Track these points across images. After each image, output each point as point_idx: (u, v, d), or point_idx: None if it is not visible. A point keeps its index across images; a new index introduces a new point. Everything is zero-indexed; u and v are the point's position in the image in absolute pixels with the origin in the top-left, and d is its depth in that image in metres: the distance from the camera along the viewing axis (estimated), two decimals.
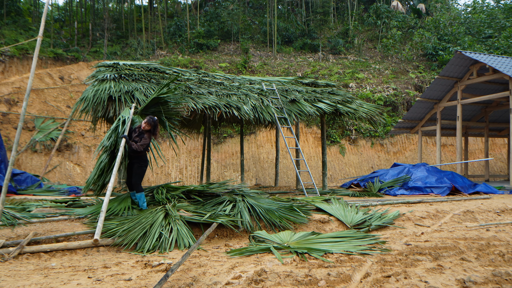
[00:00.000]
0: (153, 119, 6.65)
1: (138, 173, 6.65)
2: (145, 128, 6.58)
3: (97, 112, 8.41)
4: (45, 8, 5.97)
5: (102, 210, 5.57)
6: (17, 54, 17.88)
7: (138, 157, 6.65)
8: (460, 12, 32.08)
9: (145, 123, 6.58)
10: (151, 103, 7.31)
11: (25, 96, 5.39)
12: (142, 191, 6.61)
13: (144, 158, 6.73)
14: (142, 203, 6.54)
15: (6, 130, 15.43)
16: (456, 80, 14.29)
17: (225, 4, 27.63)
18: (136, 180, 6.61)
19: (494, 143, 21.15)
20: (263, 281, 3.75)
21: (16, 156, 13.44)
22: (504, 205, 8.55)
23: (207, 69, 20.21)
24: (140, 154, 6.64)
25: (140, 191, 6.58)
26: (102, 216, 5.43)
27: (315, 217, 6.87)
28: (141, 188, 6.61)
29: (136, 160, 6.64)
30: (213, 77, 10.94)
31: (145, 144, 6.55)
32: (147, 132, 6.60)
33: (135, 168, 6.66)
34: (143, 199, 6.57)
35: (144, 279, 3.94)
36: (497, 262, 4.35)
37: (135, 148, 6.43)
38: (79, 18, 25.86)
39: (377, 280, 3.76)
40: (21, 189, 10.72)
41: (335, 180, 17.35)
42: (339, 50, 25.13)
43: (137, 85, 8.75)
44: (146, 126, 6.57)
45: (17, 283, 3.81)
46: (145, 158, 6.75)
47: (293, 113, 10.49)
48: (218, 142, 17.54)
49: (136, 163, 6.65)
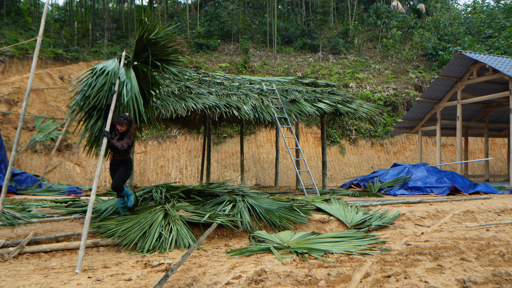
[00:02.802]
0: (124, 116, 5.90)
1: (123, 176, 6.09)
2: (122, 130, 5.92)
3: None
4: (45, 8, 5.95)
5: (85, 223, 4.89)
6: (17, 54, 17.88)
7: (124, 160, 6.13)
8: (460, 12, 32.09)
9: (119, 125, 5.88)
10: (139, 48, 6.10)
11: (25, 96, 5.39)
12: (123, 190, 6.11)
13: (130, 160, 6.27)
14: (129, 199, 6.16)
15: (6, 130, 15.43)
16: (456, 80, 14.29)
17: (225, 4, 27.62)
18: (120, 183, 6.04)
19: (494, 143, 21.15)
20: (263, 281, 3.75)
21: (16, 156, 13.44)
22: (504, 205, 8.55)
23: (207, 69, 20.21)
24: (126, 156, 6.15)
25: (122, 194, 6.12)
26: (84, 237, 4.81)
27: (315, 217, 6.86)
28: (123, 188, 6.09)
29: (123, 164, 6.12)
30: (213, 77, 10.95)
31: (130, 143, 5.97)
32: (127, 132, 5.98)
33: (121, 171, 6.09)
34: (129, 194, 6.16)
35: (144, 279, 3.94)
36: (497, 262, 4.34)
37: (120, 147, 5.79)
38: (79, 18, 25.86)
39: (377, 280, 3.76)
40: (21, 189, 10.71)
41: (335, 180, 17.34)
42: (339, 50, 25.14)
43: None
44: (121, 128, 5.91)
45: (17, 283, 3.81)
46: (131, 160, 6.29)
47: (293, 113, 10.49)
48: (218, 142, 17.54)
49: (123, 167, 6.12)
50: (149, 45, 6.00)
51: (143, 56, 6.10)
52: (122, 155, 6.10)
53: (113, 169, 6.16)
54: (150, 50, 6.01)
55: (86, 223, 4.92)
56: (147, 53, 6.02)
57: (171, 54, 6.35)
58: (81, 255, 4.53)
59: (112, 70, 5.78)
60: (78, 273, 4.29)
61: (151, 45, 6.01)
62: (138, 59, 6.15)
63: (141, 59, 6.16)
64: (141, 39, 5.95)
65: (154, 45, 6.03)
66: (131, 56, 6.14)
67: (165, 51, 6.23)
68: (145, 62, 6.18)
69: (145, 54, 6.06)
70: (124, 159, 6.15)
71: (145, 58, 6.09)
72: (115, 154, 6.05)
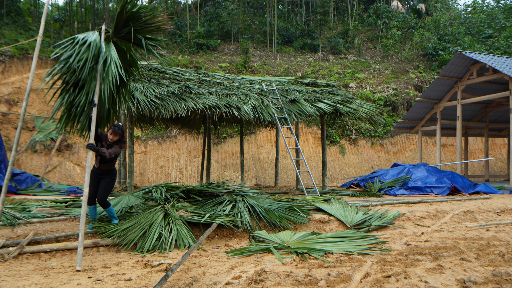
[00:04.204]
0: (118, 126, 5.75)
1: (107, 189, 5.84)
2: (113, 139, 5.74)
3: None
4: (45, 8, 5.94)
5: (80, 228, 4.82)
6: (17, 54, 17.88)
7: (110, 171, 5.88)
8: (460, 12, 32.10)
9: (112, 134, 5.72)
10: (120, 22, 5.62)
11: (25, 96, 5.38)
12: (110, 205, 5.92)
13: (115, 171, 6.03)
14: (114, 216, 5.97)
15: (6, 130, 15.43)
16: (456, 80, 14.29)
17: (225, 4, 27.63)
18: (104, 196, 5.81)
19: (494, 143, 21.15)
20: (263, 281, 3.74)
21: (16, 156, 13.44)
22: (504, 205, 8.55)
23: (207, 69, 20.21)
24: (112, 167, 5.90)
25: (108, 205, 5.88)
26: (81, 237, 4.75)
27: (315, 217, 6.86)
28: (108, 202, 5.89)
29: (108, 175, 5.87)
30: (213, 77, 10.95)
31: (117, 153, 5.75)
32: (117, 143, 5.81)
33: (105, 183, 5.83)
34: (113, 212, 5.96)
35: (144, 279, 3.94)
36: (497, 262, 4.34)
37: (108, 155, 5.55)
38: (79, 18, 25.85)
39: (377, 280, 3.76)
40: (21, 189, 10.72)
41: (335, 180, 17.34)
42: (339, 50, 25.14)
43: (137, 85, 8.75)
44: (113, 137, 5.73)
45: (17, 283, 3.81)
46: (115, 171, 6.04)
47: (293, 113, 10.49)
48: (218, 142, 17.54)
49: (108, 178, 5.87)
50: (131, 19, 5.55)
51: (124, 31, 5.64)
52: (109, 165, 5.85)
53: (95, 179, 5.80)
54: (132, 25, 5.54)
55: (82, 217, 4.87)
56: (128, 29, 5.56)
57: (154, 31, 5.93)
58: (80, 251, 4.53)
59: (94, 42, 5.35)
60: (79, 270, 4.30)
61: (133, 19, 5.56)
62: (118, 34, 5.70)
63: (121, 35, 5.70)
64: (122, 12, 5.49)
65: (136, 20, 5.59)
66: (110, 31, 5.69)
67: (148, 27, 5.76)
68: (125, 38, 5.75)
69: (125, 29, 5.61)
70: (109, 169, 5.88)
71: (125, 33, 5.64)
72: (101, 164, 5.76)
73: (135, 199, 6.96)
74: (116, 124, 5.79)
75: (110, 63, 5.32)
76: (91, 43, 5.31)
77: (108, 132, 5.77)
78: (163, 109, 8.58)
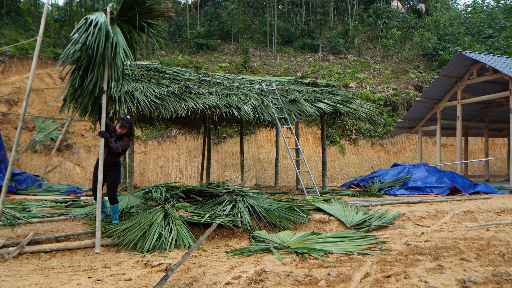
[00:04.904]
0: (126, 120, 5.91)
1: (115, 182, 5.95)
2: (121, 132, 5.91)
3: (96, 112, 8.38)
4: (45, 8, 5.96)
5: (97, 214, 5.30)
6: (17, 54, 17.87)
7: (115, 163, 6.00)
8: (460, 12, 32.09)
9: (120, 128, 5.88)
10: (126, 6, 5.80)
11: (25, 96, 5.38)
12: (117, 202, 5.98)
13: (119, 163, 6.13)
14: (116, 216, 5.95)
15: (6, 130, 15.43)
16: (456, 80, 14.29)
17: (225, 4, 27.62)
18: (113, 190, 5.91)
19: (494, 143, 21.15)
20: (263, 281, 3.74)
21: (16, 156, 13.44)
22: (504, 205, 8.55)
23: (207, 69, 20.21)
24: (117, 159, 6.03)
25: (116, 202, 5.93)
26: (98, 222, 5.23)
27: (315, 217, 6.86)
28: (117, 199, 5.95)
29: (113, 167, 5.96)
30: (213, 77, 10.95)
31: (126, 146, 5.91)
32: (126, 136, 5.98)
33: (113, 177, 5.94)
34: (117, 211, 6.00)
35: (144, 279, 3.94)
36: (497, 262, 4.34)
37: (114, 148, 5.73)
38: (79, 18, 25.84)
39: (377, 280, 3.76)
40: (21, 189, 10.72)
41: (335, 180, 17.34)
42: (339, 50, 25.14)
43: (137, 85, 8.75)
44: (121, 130, 5.89)
45: (17, 283, 3.81)
46: (120, 163, 6.14)
47: (293, 113, 10.49)
48: (218, 142, 17.54)
49: (114, 170, 5.95)
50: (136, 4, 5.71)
51: (128, 15, 5.78)
52: (114, 157, 5.95)
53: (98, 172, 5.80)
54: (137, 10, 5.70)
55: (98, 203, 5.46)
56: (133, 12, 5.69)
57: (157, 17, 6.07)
58: (98, 235, 5.19)
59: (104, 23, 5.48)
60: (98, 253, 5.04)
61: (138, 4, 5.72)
62: (122, 17, 5.85)
63: (125, 18, 5.86)
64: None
65: (141, 5, 5.74)
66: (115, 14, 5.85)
67: (151, 13, 5.92)
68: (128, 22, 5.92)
69: (130, 13, 5.75)
70: (115, 161, 5.99)
71: (129, 17, 5.79)
72: (108, 155, 5.84)
73: (135, 199, 6.96)
74: (124, 118, 5.94)
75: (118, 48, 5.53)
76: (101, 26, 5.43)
77: (117, 125, 5.95)
78: (163, 109, 8.58)
